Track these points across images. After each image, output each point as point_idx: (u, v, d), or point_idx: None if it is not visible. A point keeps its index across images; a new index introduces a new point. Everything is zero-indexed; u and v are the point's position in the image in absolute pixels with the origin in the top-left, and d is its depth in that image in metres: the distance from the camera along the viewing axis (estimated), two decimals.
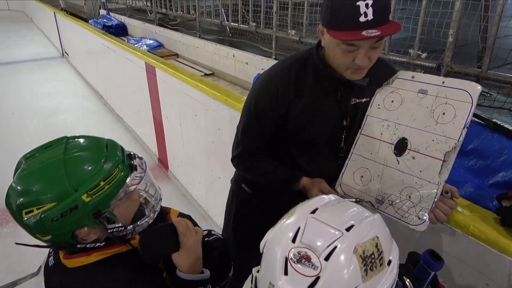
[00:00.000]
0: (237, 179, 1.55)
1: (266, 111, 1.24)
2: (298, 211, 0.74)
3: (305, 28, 2.95)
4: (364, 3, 0.98)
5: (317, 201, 0.77)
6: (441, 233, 1.26)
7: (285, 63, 1.25)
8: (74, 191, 0.85)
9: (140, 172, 0.98)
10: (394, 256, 0.70)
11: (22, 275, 1.35)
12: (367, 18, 0.98)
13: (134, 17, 6.22)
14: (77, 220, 0.87)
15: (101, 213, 0.90)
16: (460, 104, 1.08)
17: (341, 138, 1.28)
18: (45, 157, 0.90)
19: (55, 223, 0.85)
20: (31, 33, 11.50)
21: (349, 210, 0.74)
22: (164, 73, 3.07)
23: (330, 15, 1.04)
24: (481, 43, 1.94)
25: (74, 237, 0.90)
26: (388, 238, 0.72)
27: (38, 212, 0.84)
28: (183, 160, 3.30)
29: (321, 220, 0.70)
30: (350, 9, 0.99)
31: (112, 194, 0.90)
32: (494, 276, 1.14)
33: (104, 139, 0.99)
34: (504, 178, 1.44)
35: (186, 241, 0.96)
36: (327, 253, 0.64)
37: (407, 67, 2.20)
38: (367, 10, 0.98)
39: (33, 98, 5.91)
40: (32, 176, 0.88)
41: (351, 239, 0.65)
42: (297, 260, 0.64)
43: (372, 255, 0.65)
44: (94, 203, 0.87)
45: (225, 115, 2.29)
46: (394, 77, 1.24)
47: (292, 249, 0.66)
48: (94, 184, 0.87)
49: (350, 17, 1.00)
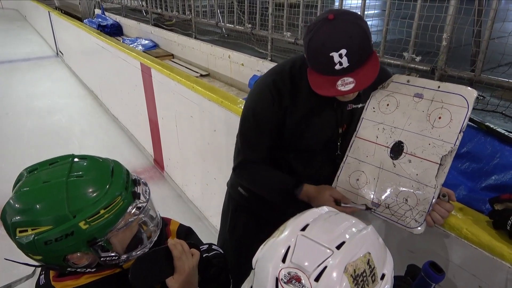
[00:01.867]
0: (233, 182, 1.55)
1: (264, 118, 1.24)
2: (289, 228, 0.73)
3: (301, 30, 2.96)
4: (337, 54, 0.99)
5: (308, 216, 0.76)
6: (434, 235, 1.27)
7: (281, 70, 1.25)
8: (73, 217, 0.83)
9: (142, 201, 0.94)
10: (388, 268, 0.69)
11: (17, 277, 1.34)
12: (342, 66, 1.01)
13: (129, 17, 6.21)
14: (71, 246, 0.85)
15: (96, 241, 0.86)
16: (456, 108, 1.10)
17: (337, 144, 1.29)
18: (48, 176, 0.87)
19: (48, 246, 0.83)
20: (25, 32, 11.41)
21: (341, 224, 0.73)
22: (160, 74, 3.07)
23: (308, 57, 1.07)
24: (474, 47, 1.96)
25: (66, 260, 0.87)
26: (381, 251, 0.71)
27: (32, 233, 0.82)
28: (179, 161, 3.29)
29: (311, 238, 0.69)
30: (325, 59, 1.01)
31: (111, 223, 0.87)
32: (486, 278, 1.16)
33: (110, 161, 0.96)
34: (497, 181, 1.45)
35: (180, 266, 0.93)
36: (317, 274, 0.63)
37: (401, 69, 2.22)
38: (342, 60, 1.00)
39: (27, 98, 5.87)
40: (32, 195, 0.85)
41: (341, 258, 0.64)
42: (288, 281, 0.64)
43: (363, 273, 0.64)
44: (91, 230, 0.85)
45: (221, 116, 2.29)
46: (389, 80, 1.25)
47: (282, 269, 0.65)
48: (94, 212, 0.84)
49: (325, 65, 1.02)
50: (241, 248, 1.38)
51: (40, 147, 4.14)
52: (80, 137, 4.57)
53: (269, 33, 3.21)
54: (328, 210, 0.80)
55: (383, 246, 0.74)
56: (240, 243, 1.49)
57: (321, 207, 0.81)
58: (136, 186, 0.95)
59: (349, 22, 1.02)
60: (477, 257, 1.16)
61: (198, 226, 2.95)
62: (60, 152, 0.97)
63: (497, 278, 1.12)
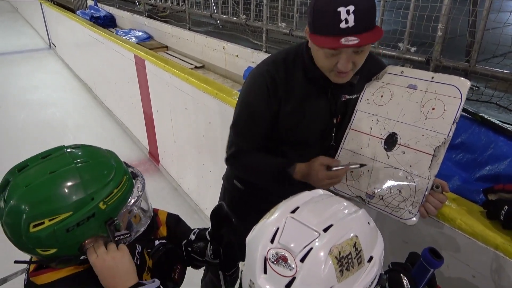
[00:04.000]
0: (228, 175, 1.55)
1: (258, 109, 1.24)
2: (279, 210, 0.75)
3: (296, 21, 2.94)
4: (345, 9, 0.97)
5: (299, 199, 0.78)
6: (428, 226, 1.28)
7: (275, 60, 1.24)
8: (91, 199, 0.85)
9: (141, 177, 1.00)
10: (377, 251, 0.71)
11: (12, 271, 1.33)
12: (347, 24, 0.98)
13: (122, 8, 6.12)
14: (91, 229, 0.87)
15: (113, 220, 0.90)
16: (449, 99, 1.10)
17: (331, 135, 1.29)
18: (51, 167, 0.87)
19: (70, 233, 0.84)
20: (17, 24, 11.26)
21: (331, 207, 0.75)
22: (154, 66, 3.05)
23: (312, 18, 1.05)
24: (469, 38, 1.96)
25: (81, 248, 0.89)
26: (370, 234, 0.73)
27: (51, 223, 0.82)
28: (174, 154, 3.28)
29: (299, 221, 0.71)
30: (331, 15, 0.99)
31: (123, 201, 0.92)
32: (480, 268, 1.17)
33: (101, 148, 0.99)
34: (491, 172, 1.46)
35: None
36: (302, 255, 0.65)
37: (396, 61, 2.21)
38: (348, 17, 0.97)
39: (20, 91, 5.82)
40: (43, 186, 0.84)
41: (327, 240, 0.66)
42: (275, 261, 0.66)
43: (349, 255, 0.66)
44: (109, 210, 0.88)
45: (216, 108, 2.28)
46: (383, 72, 1.25)
47: (270, 249, 0.68)
48: (109, 192, 0.88)
49: (330, 22, 0.99)
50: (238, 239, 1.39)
51: (35, 141, 4.11)
52: (75, 131, 4.54)
53: (264, 24, 3.19)
54: (322, 193, 0.82)
55: (374, 229, 0.75)
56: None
57: (315, 190, 0.82)
58: (129, 167, 1.00)
59: None
60: (470, 247, 1.17)
61: (194, 219, 2.95)
62: (55, 145, 0.96)
63: (490, 268, 1.14)
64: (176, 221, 1.26)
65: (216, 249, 1.14)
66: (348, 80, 1.15)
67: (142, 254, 1.10)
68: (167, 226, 1.23)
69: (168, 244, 1.15)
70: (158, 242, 1.15)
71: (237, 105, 1.31)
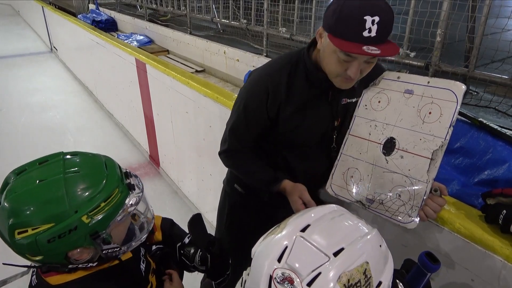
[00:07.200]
0: (229, 179, 1.56)
1: (255, 113, 1.25)
2: (289, 227, 0.72)
3: (296, 26, 2.96)
4: (371, 18, 0.97)
5: (310, 215, 0.75)
6: (427, 230, 1.28)
7: (277, 64, 1.25)
8: (74, 212, 0.83)
9: (138, 192, 0.95)
10: (386, 276, 0.68)
11: (12, 273, 1.34)
12: (370, 34, 0.99)
13: (124, 12, 6.16)
14: (74, 241, 0.85)
15: (98, 234, 0.87)
16: (445, 103, 1.11)
17: (333, 138, 1.29)
18: (42, 175, 0.86)
19: (51, 244, 0.82)
20: (18, 27, 11.30)
21: (343, 228, 0.72)
22: (155, 69, 3.06)
23: (335, 20, 1.03)
24: (468, 43, 1.97)
25: (67, 258, 0.88)
26: (381, 259, 0.70)
27: (33, 232, 0.81)
28: (174, 157, 3.29)
29: (309, 241, 0.68)
30: (357, 22, 0.98)
31: (112, 215, 0.88)
32: (478, 272, 1.17)
33: (101, 156, 0.97)
34: (489, 176, 1.47)
35: None
36: (310, 279, 0.62)
37: (396, 65, 2.23)
38: (372, 27, 0.98)
39: (21, 94, 5.83)
40: (29, 195, 0.84)
41: (337, 266, 0.63)
42: (281, 281, 0.63)
43: (358, 283, 0.63)
44: (93, 224, 0.85)
45: (216, 112, 2.29)
46: (380, 77, 1.26)
47: (277, 269, 0.65)
48: (95, 206, 0.85)
49: (354, 29, 0.99)
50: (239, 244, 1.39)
51: (35, 143, 4.13)
52: (75, 134, 4.55)
53: (265, 29, 3.21)
54: (336, 209, 0.79)
55: (385, 251, 0.73)
56: (237, 239, 1.50)
57: (328, 205, 0.79)
58: (129, 178, 0.96)
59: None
60: (469, 251, 1.17)
61: None
62: (55, 149, 0.97)
63: (489, 272, 1.14)
64: (170, 225, 1.26)
65: (204, 256, 1.13)
66: (351, 86, 1.17)
67: (146, 256, 1.11)
68: (162, 231, 1.23)
69: (164, 249, 1.15)
70: (155, 247, 1.15)
71: (235, 104, 1.32)
